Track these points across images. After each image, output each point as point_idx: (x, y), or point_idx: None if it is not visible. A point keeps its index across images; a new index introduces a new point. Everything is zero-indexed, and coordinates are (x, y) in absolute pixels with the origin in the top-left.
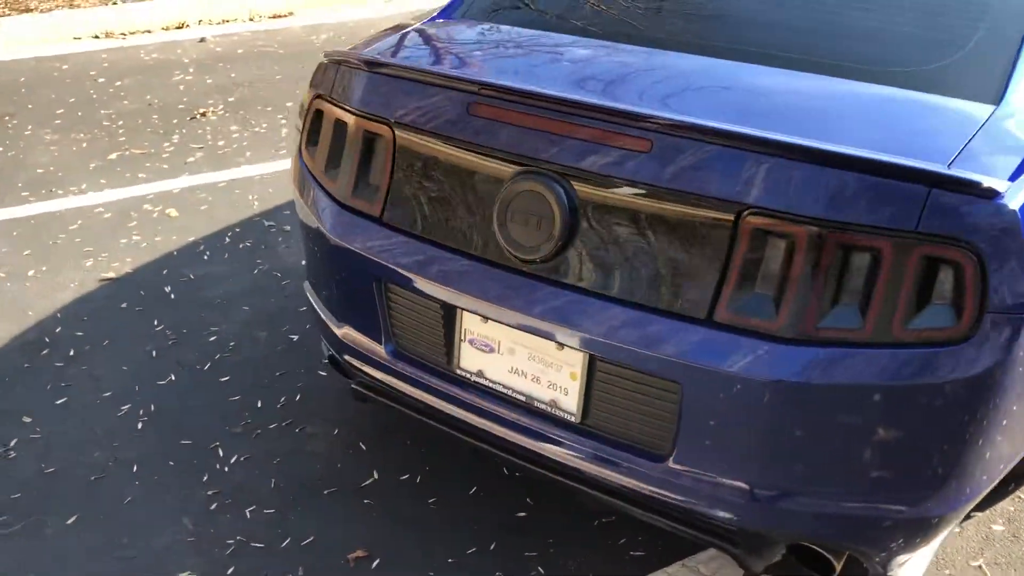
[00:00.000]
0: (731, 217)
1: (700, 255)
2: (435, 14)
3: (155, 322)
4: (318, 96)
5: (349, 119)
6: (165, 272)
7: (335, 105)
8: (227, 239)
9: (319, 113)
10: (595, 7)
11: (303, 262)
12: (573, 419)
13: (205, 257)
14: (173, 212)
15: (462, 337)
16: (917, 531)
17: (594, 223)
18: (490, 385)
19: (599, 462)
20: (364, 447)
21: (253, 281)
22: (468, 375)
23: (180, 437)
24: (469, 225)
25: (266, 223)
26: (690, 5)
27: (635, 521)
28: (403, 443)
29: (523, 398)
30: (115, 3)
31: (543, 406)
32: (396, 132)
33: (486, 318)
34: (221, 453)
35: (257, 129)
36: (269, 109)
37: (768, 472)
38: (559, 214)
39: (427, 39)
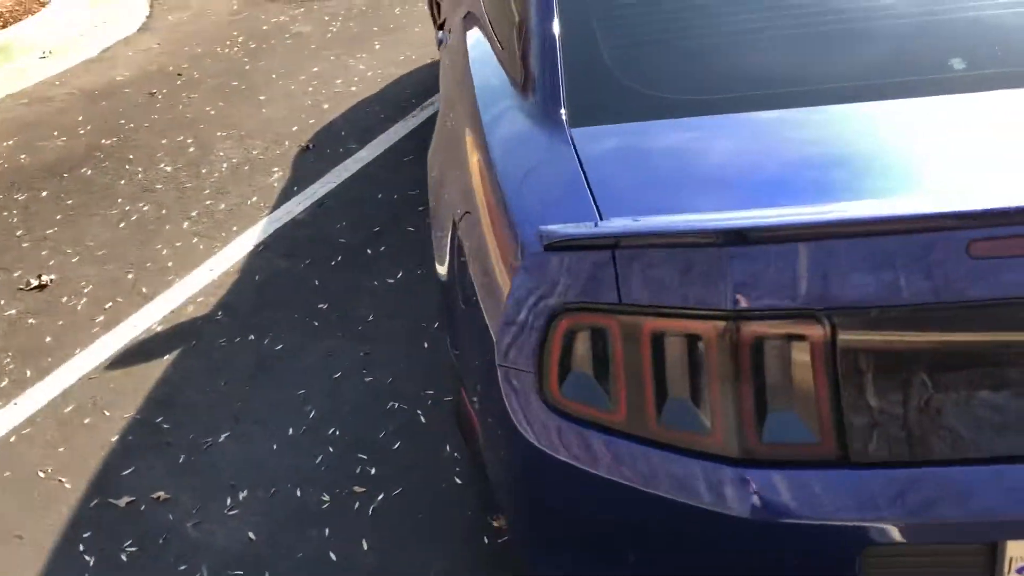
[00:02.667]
0: None
1: None
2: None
3: None
4: (575, 308)
5: (702, 328)
6: None
7: (646, 315)
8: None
9: (572, 332)
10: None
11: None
12: None
13: None
14: None
15: (1005, 571)
16: None
17: None
18: None
19: None
20: None
21: None
22: None
23: None
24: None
25: (141, 506)
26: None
27: None
28: None
29: None
30: None
31: None
32: (835, 327)
33: None
34: None
35: None
36: None
37: None
38: None
39: (721, 170)
